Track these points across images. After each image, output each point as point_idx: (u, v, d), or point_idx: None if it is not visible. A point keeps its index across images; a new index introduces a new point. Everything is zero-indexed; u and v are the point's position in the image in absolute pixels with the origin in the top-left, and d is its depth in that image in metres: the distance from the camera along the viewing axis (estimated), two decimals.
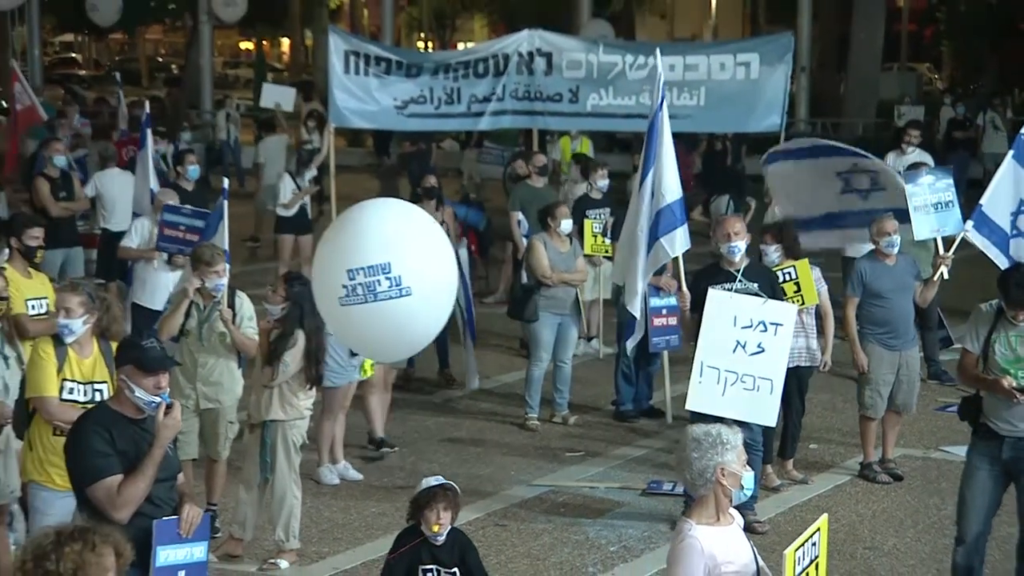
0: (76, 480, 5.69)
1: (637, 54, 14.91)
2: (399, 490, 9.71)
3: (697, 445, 5.13)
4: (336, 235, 6.92)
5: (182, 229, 10.94)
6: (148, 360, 5.67)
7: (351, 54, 14.44)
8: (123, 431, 5.65)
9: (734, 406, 8.77)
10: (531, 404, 11.34)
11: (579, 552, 8.66)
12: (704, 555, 4.99)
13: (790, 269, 9.61)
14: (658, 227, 9.49)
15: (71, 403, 6.74)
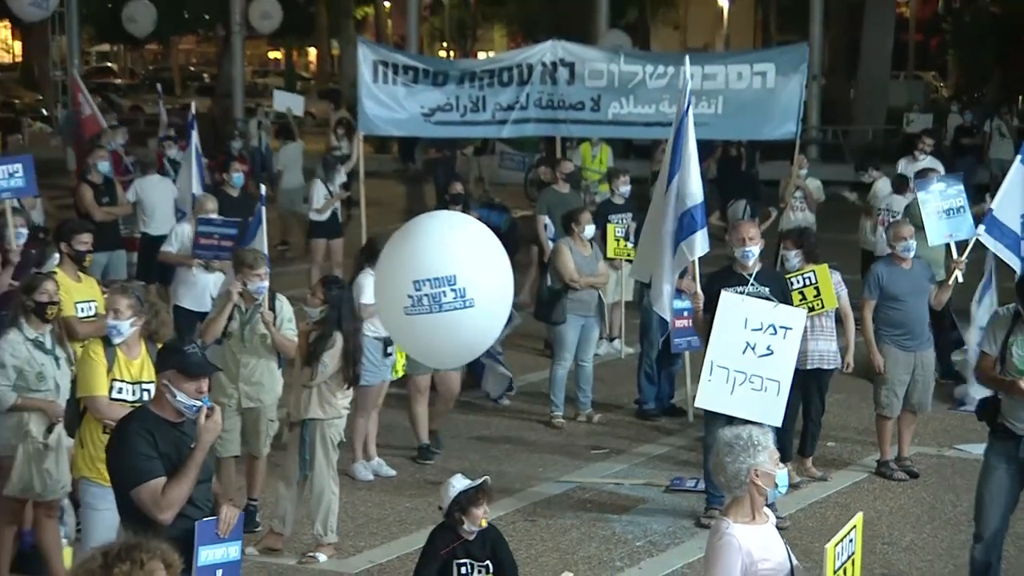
0: (119, 483, 5.62)
1: (657, 64, 14.88)
2: (431, 486, 9.68)
3: (730, 449, 5.11)
4: (402, 246, 6.94)
5: (216, 237, 10.96)
6: (190, 365, 5.62)
7: (379, 64, 14.41)
8: (165, 434, 5.59)
9: (742, 405, 8.74)
10: (556, 403, 11.32)
11: (606, 547, 8.64)
12: (741, 552, 4.97)
13: (809, 274, 9.56)
14: (681, 230, 9.47)
15: (120, 402, 6.75)
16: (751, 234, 9.11)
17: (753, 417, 8.64)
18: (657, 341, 11.44)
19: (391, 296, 6.74)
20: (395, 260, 6.87)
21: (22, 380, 7.32)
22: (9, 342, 7.40)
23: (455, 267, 6.69)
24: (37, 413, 7.33)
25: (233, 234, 10.80)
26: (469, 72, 14.80)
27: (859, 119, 29.12)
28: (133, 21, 31.85)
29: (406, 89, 14.46)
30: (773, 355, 8.68)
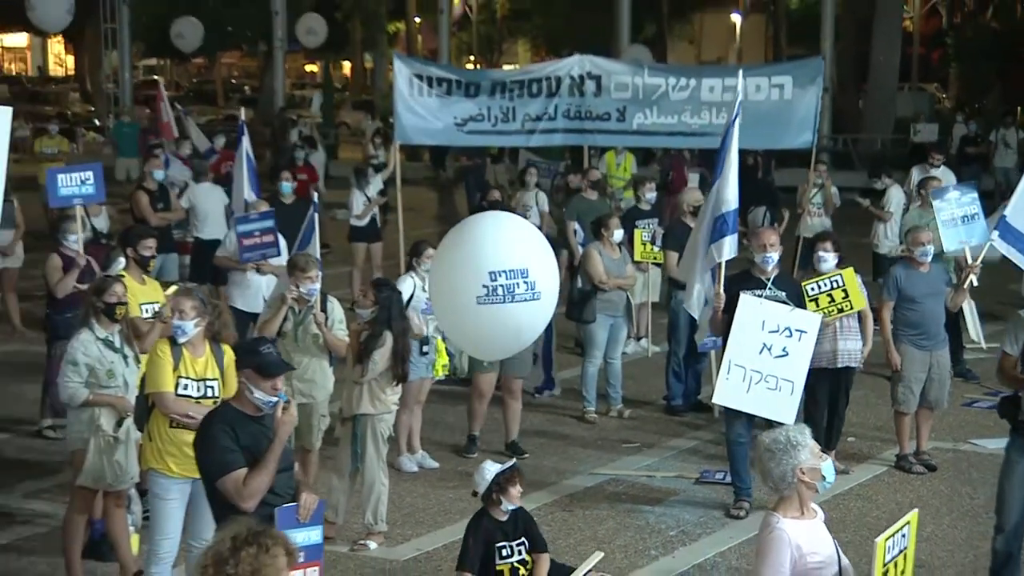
0: (206, 474, 5.72)
1: (679, 76, 14.79)
2: (465, 476, 9.70)
3: (771, 455, 5.04)
4: (472, 240, 6.98)
5: (257, 235, 10.94)
6: (267, 364, 5.70)
7: (414, 77, 14.38)
8: (245, 428, 5.67)
9: (757, 403, 8.74)
10: (588, 399, 11.29)
11: (641, 536, 8.61)
12: (791, 546, 4.92)
13: (837, 277, 9.49)
14: (712, 233, 9.44)
15: (185, 398, 6.76)
16: (771, 240, 9.11)
17: (767, 415, 8.70)
18: (684, 340, 11.41)
19: (462, 287, 6.79)
20: (467, 253, 6.91)
21: (93, 377, 7.35)
22: (81, 341, 7.43)
23: (528, 261, 6.80)
24: (107, 408, 7.35)
25: (271, 226, 10.78)
26: (500, 83, 14.77)
27: (868, 128, 29.00)
28: (182, 37, 31.97)
29: (440, 100, 14.43)
30: (788, 356, 8.66)
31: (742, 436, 8.94)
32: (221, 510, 5.67)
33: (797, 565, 4.93)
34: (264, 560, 4.01)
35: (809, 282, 9.40)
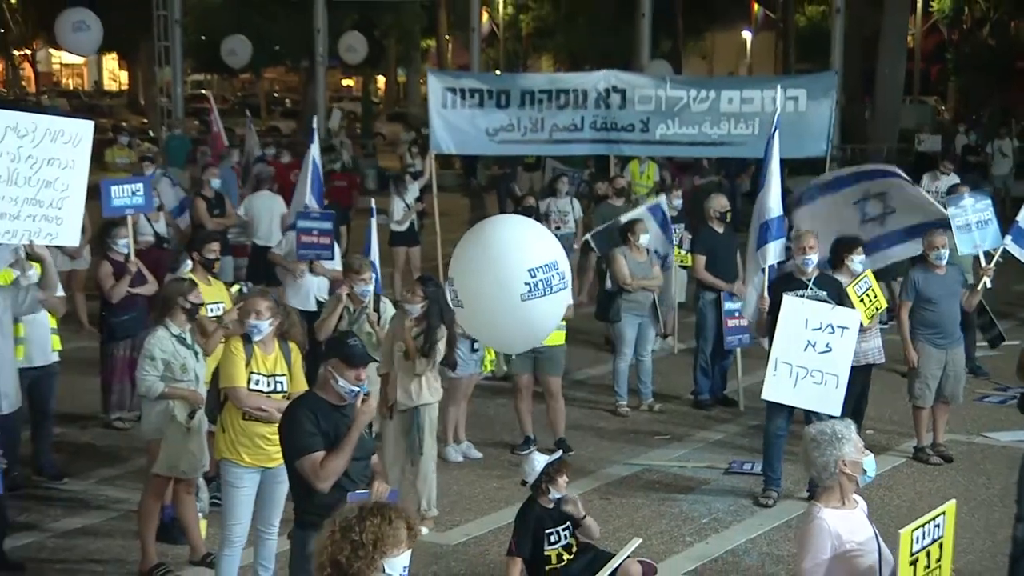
0: (287, 454, 5.75)
1: (699, 89, 14.76)
2: (514, 468, 9.64)
3: (816, 445, 5.02)
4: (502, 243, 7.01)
5: (315, 233, 10.91)
6: (352, 355, 5.70)
7: (448, 90, 14.39)
8: (327, 415, 5.68)
9: (804, 397, 8.69)
10: (620, 393, 11.25)
11: (676, 523, 8.57)
12: (831, 534, 4.88)
13: (867, 280, 9.44)
14: (760, 236, 9.42)
15: (257, 392, 6.76)
16: (811, 244, 9.10)
17: (814, 408, 8.64)
18: (711, 338, 11.36)
19: (506, 287, 6.80)
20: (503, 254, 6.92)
21: (169, 371, 7.37)
22: (158, 338, 7.44)
23: (555, 254, 6.86)
24: (181, 400, 7.36)
25: (329, 228, 10.77)
26: (529, 94, 14.72)
27: (875, 139, 28.81)
28: (234, 54, 32.04)
29: (472, 112, 14.43)
30: (832, 352, 8.64)
31: (781, 430, 8.91)
32: (298, 489, 5.73)
33: (837, 552, 4.89)
34: (386, 530, 4.00)
35: (854, 284, 9.32)
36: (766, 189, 9.41)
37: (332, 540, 4.12)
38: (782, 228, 9.42)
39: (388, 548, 4.06)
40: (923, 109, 39.10)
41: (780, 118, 14.09)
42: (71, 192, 7.57)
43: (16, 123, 7.31)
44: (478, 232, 7.42)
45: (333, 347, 5.85)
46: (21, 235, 7.36)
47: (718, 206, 11.63)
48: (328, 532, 4.15)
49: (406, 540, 4.15)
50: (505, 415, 10.81)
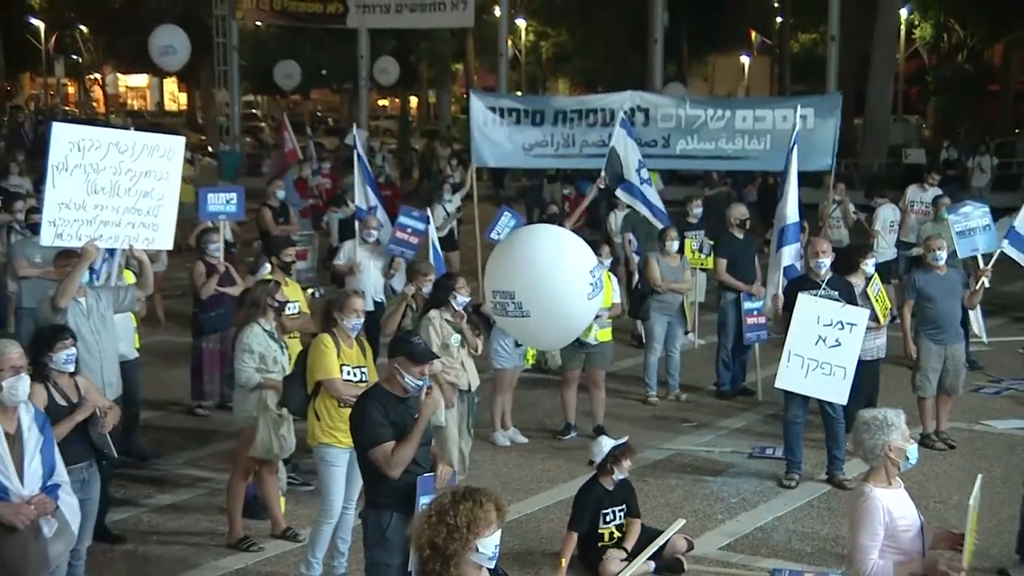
0: (359, 444, 5.68)
1: (716, 108, 14.69)
2: (556, 451, 9.67)
3: (867, 428, 4.99)
4: (564, 250, 7.03)
5: (409, 231, 10.89)
6: (417, 353, 5.66)
7: (488, 109, 14.37)
8: (394, 407, 5.62)
9: (814, 387, 8.64)
10: (650, 384, 11.19)
11: (708, 503, 8.52)
12: (883, 511, 4.85)
13: (876, 282, 9.38)
14: (778, 241, 9.36)
15: (347, 382, 6.72)
16: (824, 248, 9.02)
17: (824, 397, 8.59)
18: (732, 335, 11.30)
19: (577, 290, 6.82)
20: (568, 260, 6.93)
21: (262, 363, 7.34)
22: (254, 333, 7.41)
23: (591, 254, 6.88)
24: (273, 390, 7.32)
25: (422, 229, 10.76)
26: (561, 112, 14.70)
27: (866, 154, 28.74)
28: (289, 77, 32.15)
29: (510, 129, 14.38)
30: (841, 346, 8.56)
31: (798, 416, 8.84)
32: (371, 477, 5.67)
33: (888, 528, 4.85)
34: (477, 513, 3.99)
35: (870, 285, 9.25)
36: (784, 198, 9.34)
37: (429, 523, 4.09)
38: (797, 233, 9.34)
39: (480, 529, 4.03)
40: (907, 127, 38.95)
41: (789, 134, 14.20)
42: (165, 201, 7.58)
43: (118, 140, 7.32)
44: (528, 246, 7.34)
45: (399, 345, 5.78)
46: (123, 240, 7.37)
47: (738, 214, 11.59)
48: (425, 516, 4.13)
49: (496, 521, 4.12)
50: (546, 403, 10.77)
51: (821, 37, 44.38)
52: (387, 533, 5.53)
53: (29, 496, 4.80)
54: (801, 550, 7.68)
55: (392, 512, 5.54)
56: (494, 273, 7.17)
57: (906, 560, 4.86)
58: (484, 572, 4.13)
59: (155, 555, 7.43)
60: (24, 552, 4.85)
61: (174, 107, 64.87)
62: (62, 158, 7.02)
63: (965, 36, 44.89)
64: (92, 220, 7.14)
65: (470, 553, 4.02)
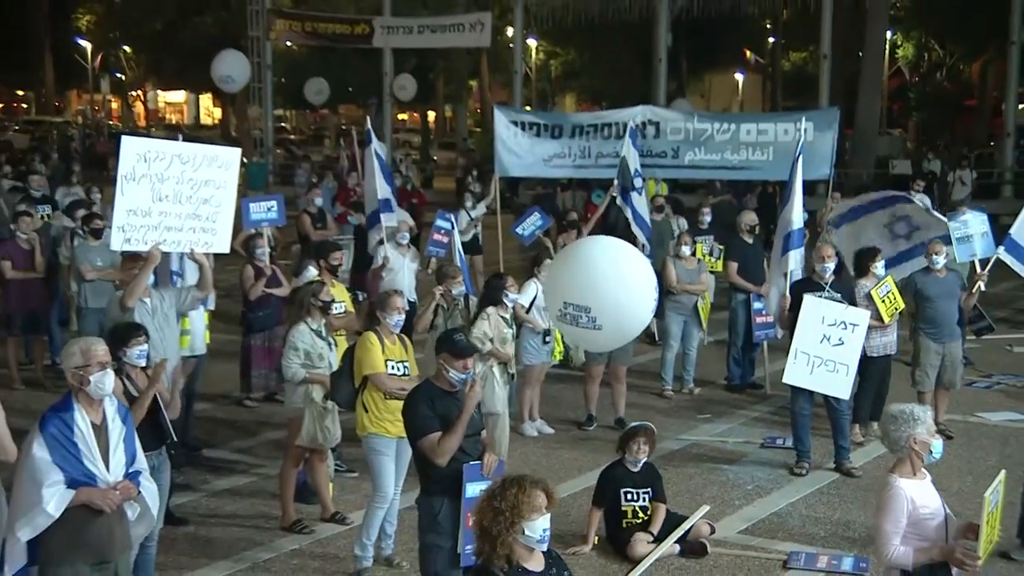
0: (410, 435, 5.67)
1: (722, 122, 14.62)
2: (580, 441, 9.65)
3: (894, 420, 4.94)
4: (638, 258, 7.12)
5: (442, 232, 10.90)
6: (460, 348, 5.65)
7: (511, 123, 14.30)
8: (441, 400, 5.61)
9: (819, 382, 8.61)
10: (666, 379, 11.16)
11: (724, 489, 8.48)
12: (907, 500, 4.81)
13: (887, 284, 9.33)
14: (784, 246, 9.32)
15: (391, 376, 6.71)
16: (828, 253, 9.01)
17: (828, 391, 8.55)
18: (742, 333, 11.26)
19: (647, 307, 6.91)
20: (644, 268, 7.01)
21: (308, 360, 7.32)
22: (300, 331, 7.41)
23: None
24: (319, 384, 7.32)
25: (449, 228, 10.78)
26: (578, 127, 14.68)
27: (854, 164, 28.62)
28: (320, 94, 32.16)
29: (530, 141, 14.29)
30: (843, 344, 8.53)
31: (805, 409, 8.79)
32: (422, 466, 5.65)
33: (911, 516, 4.81)
34: (522, 498, 4.00)
35: (877, 287, 9.20)
36: (789, 205, 9.30)
37: (480, 508, 4.10)
38: (801, 239, 9.30)
39: (526, 513, 4.02)
40: (892, 140, 38.80)
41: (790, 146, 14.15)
42: (223, 208, 7.55)
43: (180, 151, 7.31)
44: (607, 266, 7.10)
45: (443, 343, 5.78)
46: (184, 245, 7.35)
47: (748, 221, 11.56)
48: (480, 500, 4.13)
49: (544, 506, 4.10)
50: (569, 397, 10.73)
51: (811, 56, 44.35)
52: (439, 518, 5.52)
53: (114, 482, 4.79)
54: (815, 534, 7.64)
55: (443, 499, 5.52)
56: (569, 286, 7.01)
57: (927, 547, 4.82)
58: (536, 553, 4.11)
59: (216, 536, 7.42)
60: (110, 534, 4.84)
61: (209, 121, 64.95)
62: (130, 168, 7.01)
63: (944, 55, 44.79)
64: (157, 226, 7.13)
65: (517, 535, 4.01)
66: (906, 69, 47.09)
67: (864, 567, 7.03)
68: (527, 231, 13.03)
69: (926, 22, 40.12)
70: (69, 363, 4.84)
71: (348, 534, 7.37)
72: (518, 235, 13.20)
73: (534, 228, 12.98)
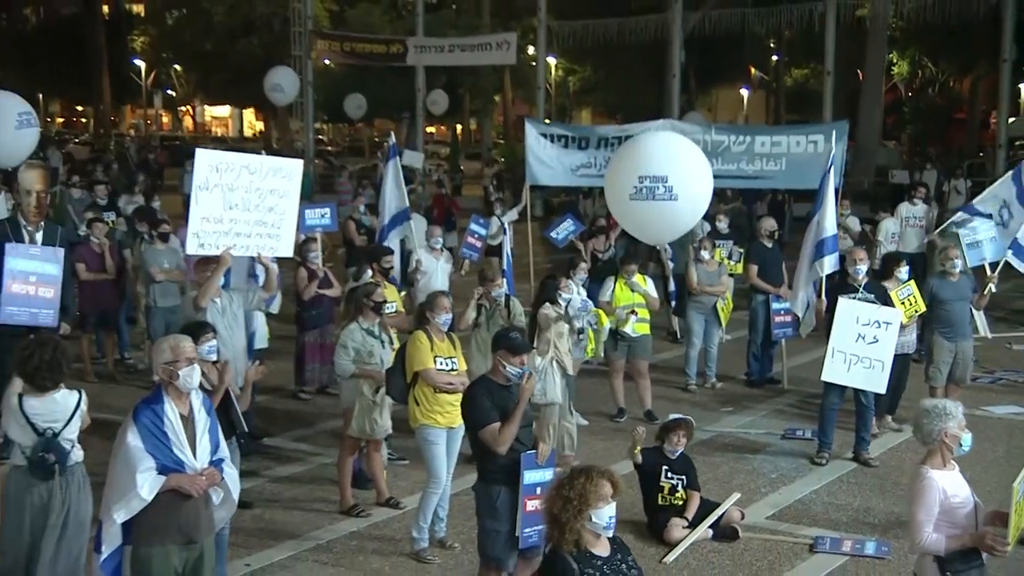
0: (470, 426, 5.66)
1: (738, 134, 14.52)
2: (613, 432, 9.58)
3: (927, 414, 4.88)
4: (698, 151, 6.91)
5: (476, 237, 10.87)
6: (515, 345, 5.64)
7: (541, 135, 14.25)
8: (498, 393, 5.61)
9: (856, 378, 8.52)
10: (690, 374, 11.09)
11: (751, 477, 8.41)
12: (938, 490, 4.74)
13: (908, 287, 9.25)
14: (817, 251, 9.24)
15: (440, 371, 6.69)
16: (861, 256, 8.98)
17: (864, 387, 8.46)
18: (761, 330, 11.18)
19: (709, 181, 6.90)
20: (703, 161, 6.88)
21: (358, 357, 7.30)
22: (350, 331, 7.40)
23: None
24: (368, 379, 7.29)
25: (483, 234, 10.70)
26: (604, 139, 14.60)
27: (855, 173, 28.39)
28: (359, 108, 32.22)
29: (559, 152, 14.21)
30: (878, 342, 8.44)
31: (835, 404, 8.73)
32: (481, 454, 5.63)
33: (943, 505, 4.75)
34: (589, 487, 3.98)
35: (897, 290, 9.13)
36: (822, 212, 9.22)
37: (550, 496, 4.08)
38: (835, 244, 9.23)
39: (593, 502, 3.99)
40: (889, 151, 38.53)
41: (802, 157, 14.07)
42: (286, 215, 7.54)
43: (248, 163, 7.31)
44: (679, 142, 7.05)
45: (499, 340, 5.77)
46: (252, 249, 7.35)
47: (768, 227, 11.51)
48: (550, 489, 4.11)
49: (610, 495, 4.07)
50: (598, 391, 10.64)
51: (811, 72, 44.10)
52: (497, 504, 5.49)
53: (201, 469, 4.79)
54: (838, 520, 7.57)
55: (501, 486, 5.50)
56: (645, 160, 6.82)
57: (958, 534, 4.75)
58: (603, 539, 4.08)
59: (280, 519, 7.42)
60: (197, 517, 4.84)
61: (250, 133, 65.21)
62: (204, 179, 7.02)
63: (937, 72, 44.45)
64: (228, 232, 7.13)
65: (585, 522, 3.98)
66: (901, 85, 46.73)
67: (886, 551, 6.96)
68: (561, 235, 12.99)
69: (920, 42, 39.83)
70: (160, 359, 4.84)
71: (401, 518, 7.35)
72: (552, 239, 13.15)
73: (567, 233, 12.93)
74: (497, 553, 5.48)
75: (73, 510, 5.51)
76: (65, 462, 5.47)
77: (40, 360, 5.39)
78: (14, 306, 7.38)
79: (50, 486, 5.44)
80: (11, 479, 5.52)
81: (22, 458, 5.47)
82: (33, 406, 5.48)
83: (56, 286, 7.55)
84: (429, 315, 6.85)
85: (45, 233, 7.84)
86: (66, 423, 5.51)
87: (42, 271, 7.48)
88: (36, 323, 7.35)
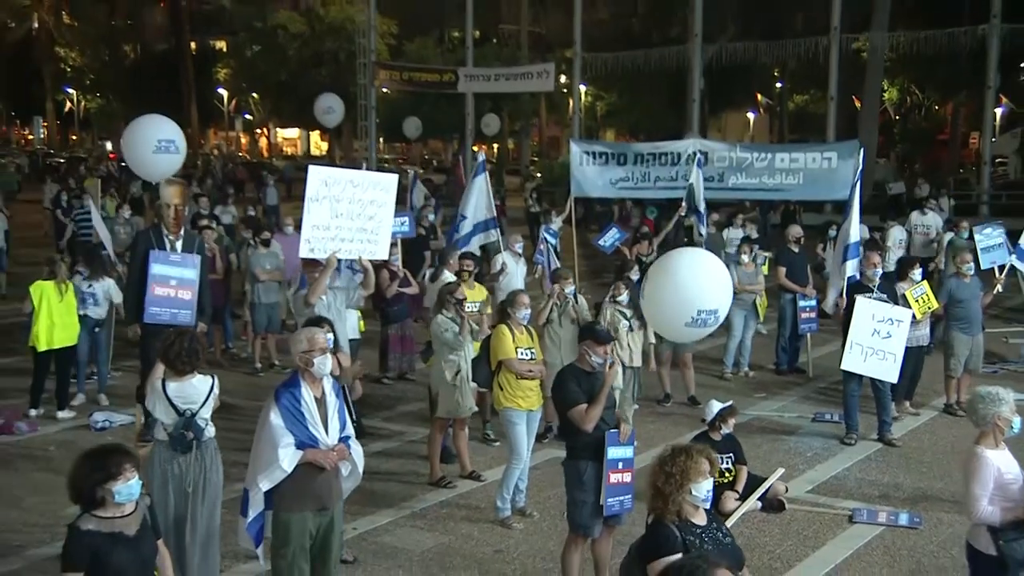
0: (560, 407, 5.59)
1: (760, 152, 14.45)
2: (660, 416, 9.51)
3: (983, 400, 4.77)
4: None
5: (545, 243, 10.84)
6: (600, 336, 5.58)
7: (584, 152, 14.24)
8: (584, 379, 5.55)
9: (871, 368, 8.37)
10: (727, 363, 10.97)
11: (788, 456, 8.29)
12: (992, 467, 4.64)
13: (922, 287, 9.10)
14: (843, 256, 9.11)
15: (521, 360, 6.64)
16: (876, 260, 8.84)
17: (878, 376, 8.30)
18: (789, 324, 11.04)
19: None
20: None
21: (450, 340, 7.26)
22: (438, 322, 7.37)
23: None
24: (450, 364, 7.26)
25: (554, 243, 10.70)
26: (640, 155, 14.53)
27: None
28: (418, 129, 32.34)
29: (600, 167, 14.21)
30: (891, 337, 8.30)
31: (855, 391, 8.58)
32: (570, 432, 5.56)
33: (997, 481, 4.64)
34: (690, 464, 3.91)
35: (911, 289, 8.99)
36: (849, 221, 9.08)
37: (654, 471, 4.01)
38: (858, 250, 9.09)
39: (693, 477, 3.92)
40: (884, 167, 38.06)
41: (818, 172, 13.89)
42: (383, 223, 7.51)
43: (352, 177, 7.29)
44: (720, 270, 6.95)
45: (586, 332, 5.71)
46: (354, 253, 7.33)
47: (795, 233, 11.35)
48: (654, 465, 4.05)
49: (707, 471, 4.00)
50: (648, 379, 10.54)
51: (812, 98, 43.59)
52: (584, 478, 5.43)
53: (332, 445, 4.78)
54: (870, 494, 7.44)
55: (587, 461, 5.44)
56: (703, 296, 6.59)
57: (1011, 506, 4.64)
58: (700, 511, 4.02)
59: (377, 489, 7.40)
60: (329, 487, 4.83)
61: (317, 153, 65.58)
62: (315, 192, 7.01)
63: (923, 98, 43.85)
64: (334, 238, 7.12)
65: (685, 495, 3.92)
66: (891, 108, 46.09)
67: (918, 522, 6.83)
68: (608, 242, 12.89)
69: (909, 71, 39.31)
70: (297, 348, 4.84)
71: (484, 489, 7.31)
72: (600, 246, 13.06)
73: (613, 240, 12.83)
74: (584, 521, 5.43)
75: (207, 478, 5.52)
76: (201, 438, 5.49)
77: (180, 348, 5.41)
78: (157, 307, 7.42)
79: (188, 459, 5.45)
80: (155, 453, 5.54)
81: (164, 435, 5.49)
82: (174, 389, 5.50)
83: (193, 289, 7.58)
84: (510, 311, 6.81)
85: (184, 241, 7.86)
86: (202, 404, 5.52)
87: (181, 276, 7.51)
88: (176, 322, 7.39)
